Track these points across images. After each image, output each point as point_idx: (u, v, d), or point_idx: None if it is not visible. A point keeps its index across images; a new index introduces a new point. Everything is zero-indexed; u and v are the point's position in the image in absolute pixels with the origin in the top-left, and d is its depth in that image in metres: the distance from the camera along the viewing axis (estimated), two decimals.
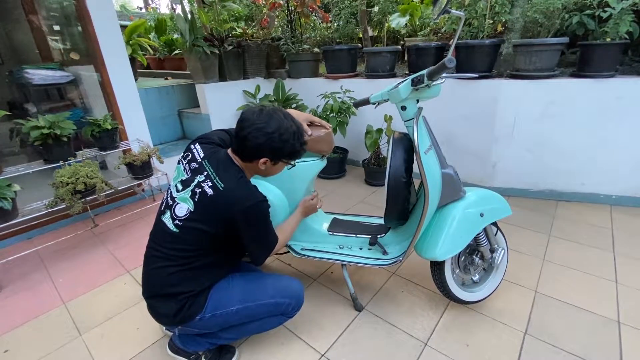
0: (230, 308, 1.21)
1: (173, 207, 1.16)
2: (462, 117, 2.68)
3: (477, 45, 2.45)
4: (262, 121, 1.10)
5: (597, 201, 2.52)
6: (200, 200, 1.12)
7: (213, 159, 1.17)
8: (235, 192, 1.12)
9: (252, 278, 1.31)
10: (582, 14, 2.31)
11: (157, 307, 1.20)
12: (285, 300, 1.27)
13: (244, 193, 1.13)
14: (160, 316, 1.22)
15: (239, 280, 1.28)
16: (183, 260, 1.15)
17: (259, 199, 1.15)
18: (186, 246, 1.14)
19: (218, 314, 1.20)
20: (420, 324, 1.54)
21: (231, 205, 1.10)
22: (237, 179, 1.14)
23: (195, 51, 3.06)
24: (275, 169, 1.24)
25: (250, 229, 1.16)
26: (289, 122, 1.15)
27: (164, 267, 1.15)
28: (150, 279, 1.20)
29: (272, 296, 1.26)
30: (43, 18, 3.27)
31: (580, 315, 1.55)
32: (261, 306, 1.24)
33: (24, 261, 2.14)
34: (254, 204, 1.13)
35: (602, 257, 1.94)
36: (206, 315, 1.18)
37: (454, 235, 1.37)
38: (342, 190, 3.00)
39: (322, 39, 3.66)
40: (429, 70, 1.17)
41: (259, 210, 1.16)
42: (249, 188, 1.15)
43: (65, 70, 3.14)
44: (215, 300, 1.20)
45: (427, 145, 1.34)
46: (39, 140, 2.07)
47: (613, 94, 2.24)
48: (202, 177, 1.14)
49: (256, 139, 1.10)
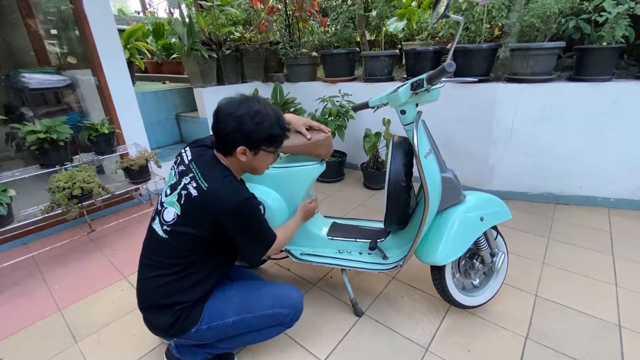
0: (226, 319, 1.18)
1: (162, 213, 1.14)
2: (460, 120, 2.69)
3: (475, 49, 2.46)
4: (233, 107, 1.08)
5: (596, 204, 2.52)
6: (186, 203, 1.09)
7: (200, 160, 1.14)
8: (219, 191, 1.08)
9: (249, 287, 1.28)
10: (578, 18, 2.33)
11: (152, 319, 1.17)
12: (283, 310, 1.24)
13: (229, 192, 1.09)
14: (155, 329, 1.19)
15: (236, 290, 1.25)
16: (175, 268, 1.11)
17: (244, 196, 1.10)
18: (177, 252, 1.11)
19: (214, 325, 1.17)
20: (421, 329, 1.53)
21: (216, 206, 1.06)
22: (221, 178, 1.10)
23: (193, 55, 3.06)
24: (259, 160, 1.16)
25: (240, 228, 1.11)
26: (262, 106, 1.10)
27: (157, 276, 1.13)
28: (144, 290, 1.18)
29: (269, 307, 1.22)
30: (40, 22, 3.25)
31: (581, 319, 1.55)
32: (258, 317, 1.21)
33: (20, 267, 2.11)
34: (239, 202, 1.08)
35: (602, 260, 1.94)
36: (202, 327, 1.16)
37: (454, 240, 1.37)
38: (340, 194, 2.99)
39: (320, 42, 3.67)
40: (429, 75, 1.17)
41: (246, 208, 1.11)
42: (233, 186, 1.11)
43: (63, 74, 3.12)
44: (212, 311, 1.17)
45: (427, 149, 1.34)
46: (35, 145, 2.05)
47: (610, 98, 2.25)
48: (188, 179, 1.11)
49: (227, 124, 1.07)
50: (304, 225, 1.63)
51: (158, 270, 1.13)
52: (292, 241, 1.67)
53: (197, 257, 1.13)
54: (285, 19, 3.64)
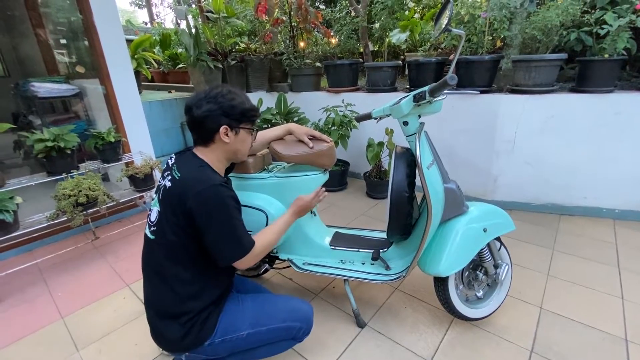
0: (241, 333, 1.16)
1: (149, 216, 1.16)
2: (462, 131, 2.70)
3: (477, 60, 2.49)
4: (203, 93, 1.11)
5: (600, 215, 2.50)
6: (163, 196, 1.10)
7: (179, 158, 1.17)
8: (189, 179, 1.06)
9: (262, 300, 1.27)
10: (580, 30, 2.35)
11: (161, 331, 1.14)
12: (296, 324, 1.23)
13: (199, 178, 1.06)
14: (166, 342, 1.16)
15: (250, 303, 1.24)
16: (170, 271, 1.09)
17: (215, 182, 1.05)
18: (167, 253, 1.09)
19: (228, 339, 1.15)
20: (424, 341, 1.51)
21: (185, 193, 1.04)
22: (195, 167, 1.10)
23: (199, 65, 3.11)
24: (240, 140, 1.16)
25: (208, 220, 1.04)
26: (229, 87, 1.14)
27: (156, 284, 1.13)
28: (147, 298, 1.17)
29: (283, 320, 1.21)
30: (50, 32, 3.33)
31: (587, 333, 1.52)
32: (272, 331, 1.20)
33: (24, 274, 2.12)
34: (207, 187, 1.03)
35: (607, 272, 1.92)
36: (216, 340, 1.14)
37: (458, 251, 1.36)
38: (343, 203, 2.99)
39: (324, 53, 3.72)
40: (431, 87, 1.18)
41: (214, 195, 1.04)
42: (205, 174, 1.08)
43: (71, 83, 3.18)
44: (226, 324, 1.16)
45: (430, 160, 1.35)
46: (43, 153, 2.08)
47: (612, 109, 2.26)
48: (166, 175, 1.14)
49: (203, 108, 1.08)
50: (306, 234, 1.63)
51: (156, 277, 1.13)
52: (294, 250, 1.68)
53: (188, 257, 1.10)
54: (289, 30, 3.70)
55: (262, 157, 1.61)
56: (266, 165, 1.67)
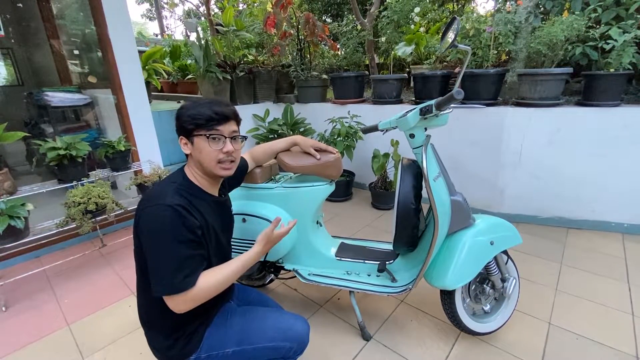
0: (226, 349, 1.11)
1: None
2: (469, 143, 2.70)
3: (482, 74, 2.51)
4: None
5: (609, 229, 2.48)
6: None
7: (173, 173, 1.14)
8: (147, 194, 1.00)
9: (252, 316, 1.20)
10: (585, 45, 2.37)
11: (150, 341, 1.14)
12: (285, 344, 1.13)
13: (155, 194, 0.98)
14: (155, 352, 1.15)
15: (238, 318, 1.19)
16: (148, 284, 1.00)
17: (165, 202, 0.93)
18: (140, 266, 1.05)
19: (214, 355, 1.11)
20: (430, 356, 1.49)
21: (138, 209, 0.97)
22: (166, 182, 1.04)
23: (208, 77, 3.18)
24: (198, 149, 1.05)
25: (146, 242, 0.94)
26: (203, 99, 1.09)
27: (141, 293, 1.11)
28: (138, 308, 1.17)
29: (271, 339, 1.12)
30: (64, 43, 3.44)
31: (597, 350, 1.49)
32: (259, 350, 1.13)
33: (31, 280, 2.14)
34: (154, 206, 0.94)
35: (617, 287, 1.89)
36: (202, 355, 1.11)
37: (464, 264, 1.35)
38: (348, 213, 2.99)
39: (330, 65, 3.78)
40: (438, 101, 1.20)
41: (159, 216, 0.92)
42: (164, 191, 0.99)
43: (83, 92, 3.26)
44: (212, 339, 1.12)
45: (436, 172, 1.36)
46: (55, 161, 2.12)
47: (619, 123, 2.26)
48: None
49: None
50: (312, 245, 1.63)
51: (142, 286, 1.10)
52: (299, 261, 1.68)
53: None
54: (297, 43, 3.77)
55: (269, 168, 1.63)
56: (273, 176, 1.69)
